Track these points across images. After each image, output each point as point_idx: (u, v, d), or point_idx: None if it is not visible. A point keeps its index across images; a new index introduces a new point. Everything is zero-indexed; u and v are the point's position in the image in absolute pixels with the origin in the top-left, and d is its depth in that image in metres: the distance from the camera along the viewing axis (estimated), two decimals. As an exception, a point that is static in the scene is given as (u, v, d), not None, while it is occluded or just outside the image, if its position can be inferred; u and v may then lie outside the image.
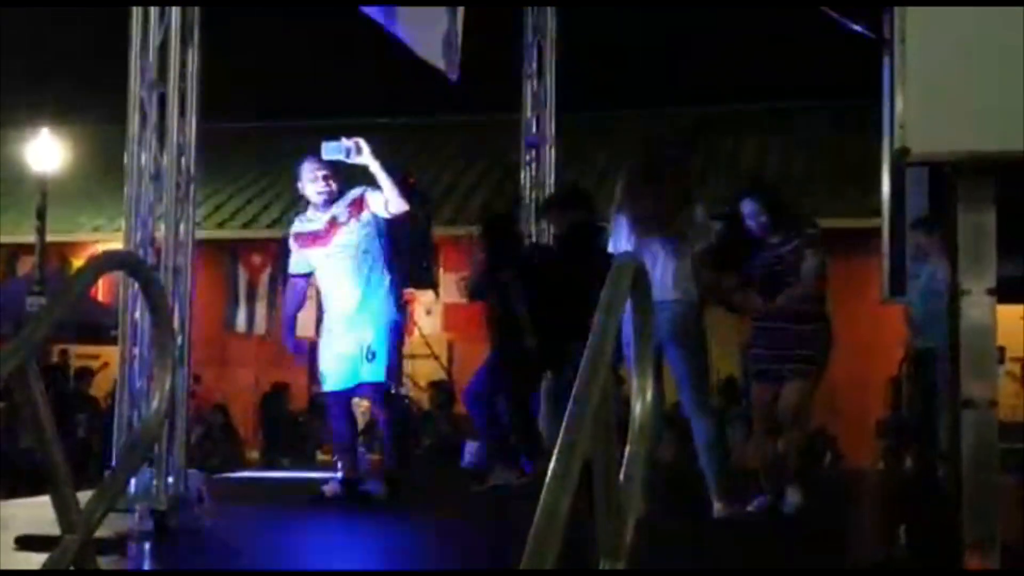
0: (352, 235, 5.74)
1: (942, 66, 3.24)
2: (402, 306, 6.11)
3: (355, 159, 5.63)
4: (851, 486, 5.16)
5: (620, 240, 5.30)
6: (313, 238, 5.84)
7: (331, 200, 5.80)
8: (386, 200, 5.66)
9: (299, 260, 5.96)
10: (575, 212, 6.28)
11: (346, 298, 5.78)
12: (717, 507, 5.16)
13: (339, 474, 5.84)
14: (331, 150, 5.66)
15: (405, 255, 6.18)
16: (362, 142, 5.63)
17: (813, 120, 15.06)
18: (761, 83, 15.99)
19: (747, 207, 5.38)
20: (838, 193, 12.51)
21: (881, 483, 5.05)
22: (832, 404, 9.64)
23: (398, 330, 5.93)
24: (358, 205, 5.76)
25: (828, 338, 5.39)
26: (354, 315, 5.76)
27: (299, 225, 5.95)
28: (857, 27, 5.95)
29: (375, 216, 5.75)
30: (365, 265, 5.75)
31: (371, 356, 5.69)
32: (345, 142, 5.63)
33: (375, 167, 5.65)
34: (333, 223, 5.77)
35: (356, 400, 6.20)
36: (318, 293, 6.10)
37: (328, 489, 5.81)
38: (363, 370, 5.71)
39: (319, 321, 6.19)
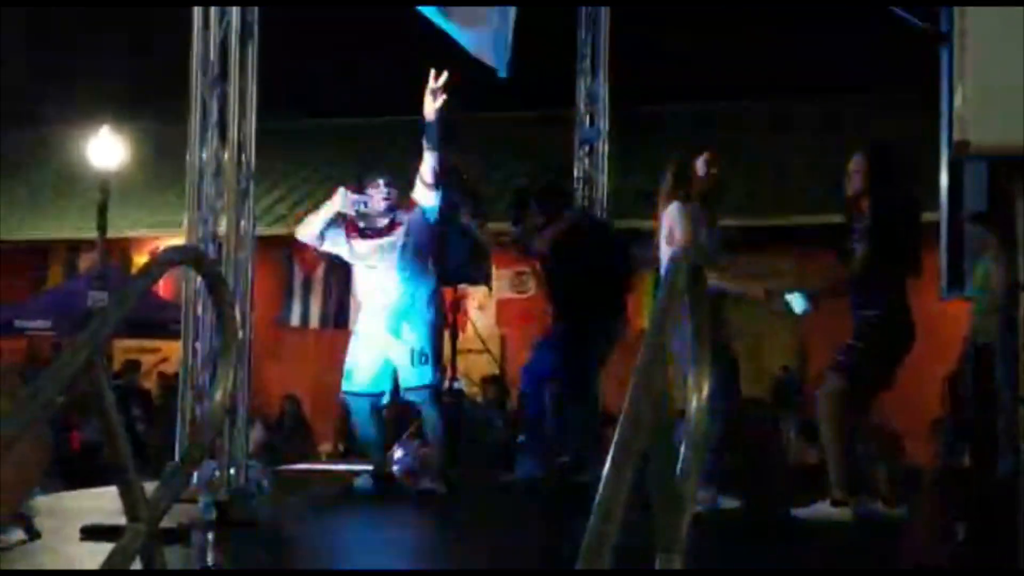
0: (403, 233, 5.75)
1: (1001, 60, 3.22)
2: (444, 305, 6.09)
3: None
4: (909, 485, 5.09)
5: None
6: (367, 231, 5.82)
7: (393, 207, 5.80)
8: (418, 188, 5.68)
9: (337, 242, 5.87)
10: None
11: (389, 297, 5.76)
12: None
13: (370, 468, 5.87)
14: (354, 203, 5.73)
15: (454, 252, 6.20)
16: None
17: (863, 114, 14.89)
18: (813, 78, 15.84)
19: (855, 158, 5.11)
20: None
21: (939, 481, 4.98)
22: (889, 402, 9.51)
23: (440, 330, 5.93)
24: (409, 204, 5.79)
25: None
26: (396, 315, 5.73)
27: (357, 217, 5.87)
28: (914, 21, 5.88)
29: (424, 213, 5.76)
30: (412, 264, 5.75)
31: (424, 359, 5.66)
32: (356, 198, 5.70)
33: (427, 154, 5.65)
34: (392, 224, 5.78)
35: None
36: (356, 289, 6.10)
37: (359, 483, 5.84)
38: (413, 373, 5.68)
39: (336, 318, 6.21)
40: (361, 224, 5.84)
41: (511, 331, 13.26)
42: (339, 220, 5.86)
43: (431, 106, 5.63)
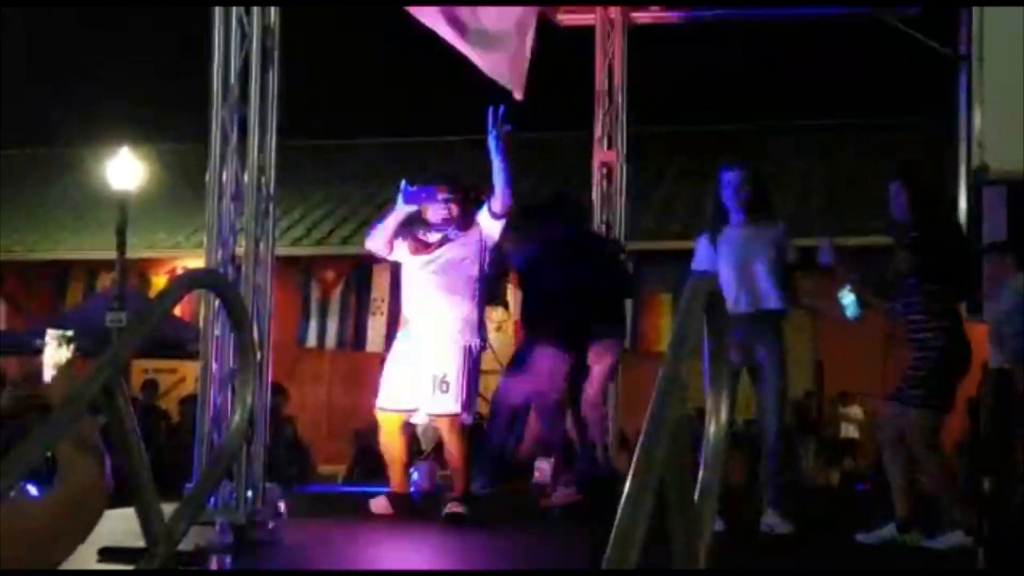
0: (456, 252, 5.68)
1: (1021, 83, 3.21)
2: (482, 334, 5.86)
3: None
4: (929, 507, 5.08)
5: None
6: (420, 245, 5.76)
7: (448, 223, 5.75)
8: (493, 200, 5.65)
9: (401, 252, 5.80)
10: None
11: (430, 316, 5.70)
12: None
13: (387, 489, 5.86)
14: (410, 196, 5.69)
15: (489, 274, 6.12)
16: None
17: (883, 136, 14.88)
18: (831, 98, 15.85)
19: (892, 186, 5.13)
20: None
21: (960, 504, 4.95)
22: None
23: (476, 356, 5.73)
24: (469, 224, 5.72)
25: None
26: (434, 336, 5.67)
27: (418, 233, 5.81)
28: (933, 45, 5.89)
29: (482, 237, 5.71)
30: (460, 285, 5.67)
31: (444, 387, 5.57)
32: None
33: (498, 189, 5.63)
34: (444, 240, 5.73)
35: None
36: (397, 305, 6.05)
37: (375, 504, 5.82)
38: (434, 400, 5.61)
39: (389, 338, 6.18)
40: (419, 235, 5.79)
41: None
42: (405, 229, 5.82)
43: (494, 144, 5.60)
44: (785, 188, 13.03)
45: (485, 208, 5.69)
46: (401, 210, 5.73)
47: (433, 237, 5.75)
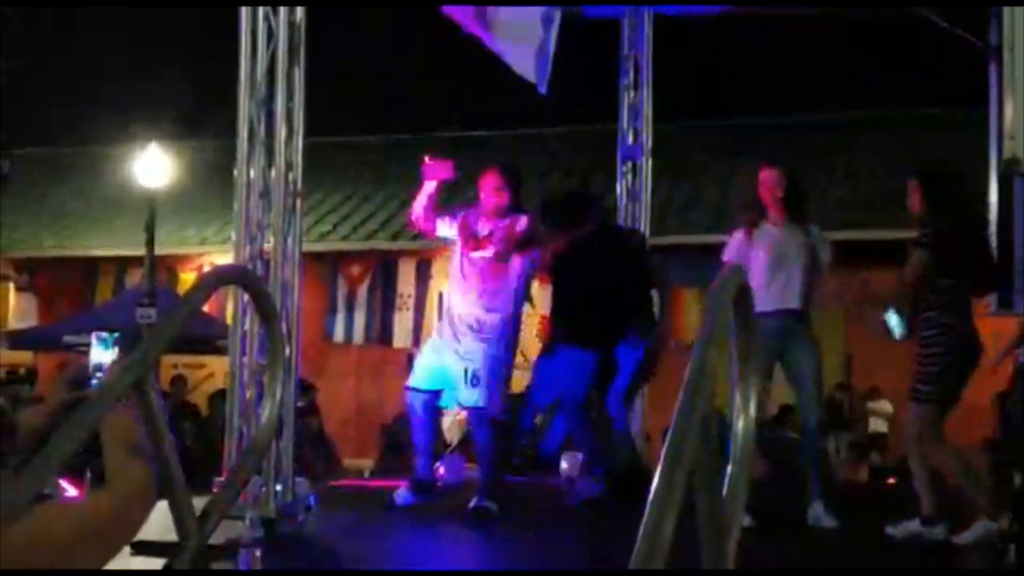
0: (501, 248, 5.72)
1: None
2: (517, 332, 5.88)
3: None
4: (958, 503, 5.05)
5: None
6: (471, 237, 5.80)
7: (498, 213, 5.79)
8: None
9: (443, 229, 5.87)
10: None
11: (470, 309, 5.73)
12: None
13: (408, 481, 5.87)
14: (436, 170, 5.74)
15: None
16: None
17: (916, 127, 14.78)
18: (864, 90, 15.76)
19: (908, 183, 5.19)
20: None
21: (989, 500, 4.93)
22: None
23: (505, 357, 5.75)
24: (512, 225, 5.74)
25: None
26: (471, 328, 5.70)
27: (473, 218, 5.86)
28: (963, 35, 5.84)
29: (536, 225, 5.76)
30: (501, 281, 5.71)
31: (474, 382, 5.61)
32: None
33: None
34: (490, 236, 5.76)
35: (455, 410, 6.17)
36: (422, 300, 6.09)
37: (399, 496, 5.83)
38: (465, 392, 5.67)
39: (415, 333, 6.20)
40: (477, 230, 5.81)
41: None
42: (453, 214, 5.88)
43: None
44: (810, 182, 12.96)
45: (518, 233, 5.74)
46: (427, 186, 5.79)
47: (484, 230, 5.80)
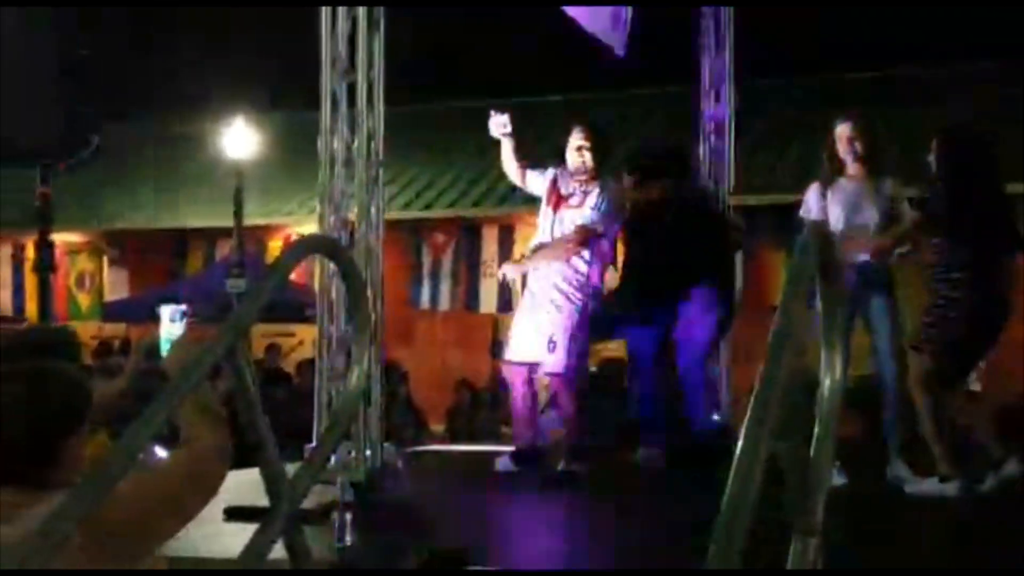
0: (582, 212, 5.73)
1: None
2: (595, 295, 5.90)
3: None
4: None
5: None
6: (556, 197, 5.83)
7: (582, 173, 5.80)
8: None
9: (534, 183, 5.94)
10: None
11: (548, 273, 5.76)
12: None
13: (511, 448, 5.92)
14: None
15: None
16: None
17: (997, 81, 14.30)
18: (942, 44, 15.29)
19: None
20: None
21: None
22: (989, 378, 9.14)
23: (585, 319, 5.75)
24: (599, 179, 5.77)
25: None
26: (548, 294, 5.73)
27: (560, 176, 5.89)
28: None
29: (606, 201, 5.74)
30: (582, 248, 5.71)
31: (552, 347, 5.66)
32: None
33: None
34: (570, 196, 5.79)
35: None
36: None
37: (501, 464, 5.89)
38: (545, 358, 5.71)
39: (502, 298, 6.24)
40: (561, 190, 5.83)
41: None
42: (546, 168, 5.93)
43: None
44: (894, 137, 12.65)
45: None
46: (505, 146, 5.88)
47: (567, 190, 5.78)
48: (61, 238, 14.40)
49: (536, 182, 5.95)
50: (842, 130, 5.51)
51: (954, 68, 15.04)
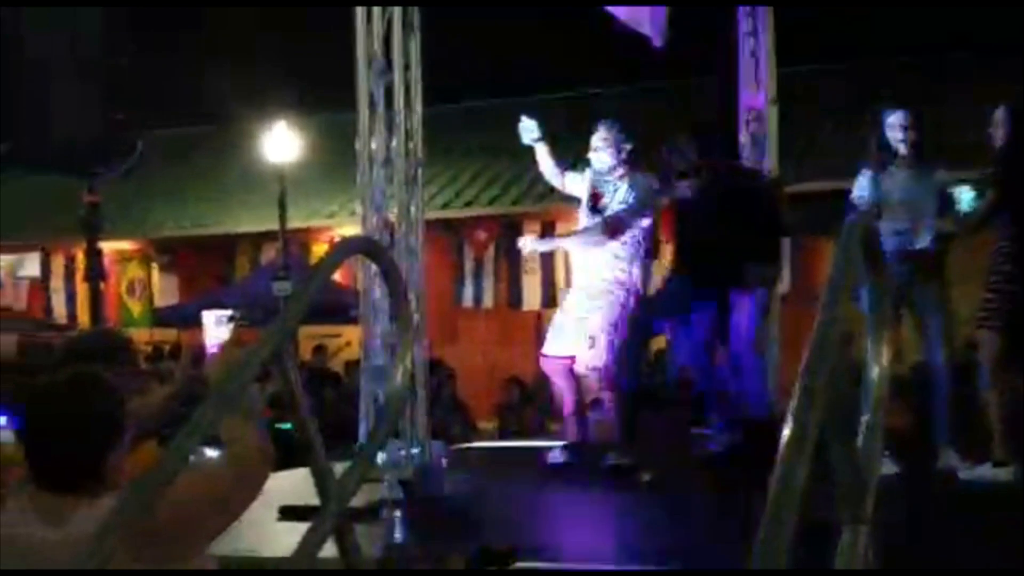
0: (618, 209, 5.72)
1: None
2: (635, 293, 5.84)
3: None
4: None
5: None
6: (594, 196, 5.82)
7: (611, 170, 5.79)
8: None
9: (573, 184, 5.94)
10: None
11: (588, 270, 5.76)
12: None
13: (562, 442, 5.92)
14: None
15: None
16: None
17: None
18: (974, 29, 15.05)
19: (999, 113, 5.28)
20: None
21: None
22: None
23: (622, 316, 5.70)
24: (631, 175, 5.75)
25: None
26: (588, 290, 5.73)
27: (593, 175, 5.88)
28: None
29: (646, 192, 5.73)
30: (618, 242, 5.71)
31: (591, 343, 5.65)
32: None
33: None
34: (604, 194, 5.77)
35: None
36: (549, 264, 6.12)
37: (552, 457, 5.89)
38: (586, 354, 5.69)
39: (544, 295, 6.24)
40: (597, 188, 5.82)
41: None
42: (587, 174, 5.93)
43: None
44: (937, 126, 12.48)
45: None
46: (540, 151, 5.87)
47: (601, 188, 5.79)
48: (111, 246, 14.59)
49: (575, 183, 5.94)
50: (895, 119, 5.52)
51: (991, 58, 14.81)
